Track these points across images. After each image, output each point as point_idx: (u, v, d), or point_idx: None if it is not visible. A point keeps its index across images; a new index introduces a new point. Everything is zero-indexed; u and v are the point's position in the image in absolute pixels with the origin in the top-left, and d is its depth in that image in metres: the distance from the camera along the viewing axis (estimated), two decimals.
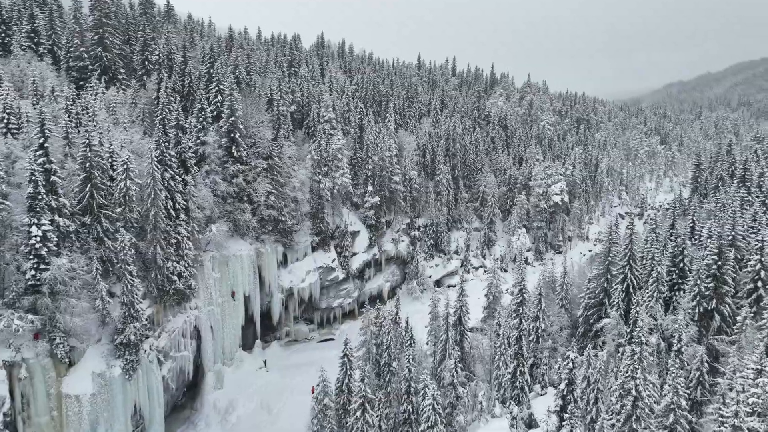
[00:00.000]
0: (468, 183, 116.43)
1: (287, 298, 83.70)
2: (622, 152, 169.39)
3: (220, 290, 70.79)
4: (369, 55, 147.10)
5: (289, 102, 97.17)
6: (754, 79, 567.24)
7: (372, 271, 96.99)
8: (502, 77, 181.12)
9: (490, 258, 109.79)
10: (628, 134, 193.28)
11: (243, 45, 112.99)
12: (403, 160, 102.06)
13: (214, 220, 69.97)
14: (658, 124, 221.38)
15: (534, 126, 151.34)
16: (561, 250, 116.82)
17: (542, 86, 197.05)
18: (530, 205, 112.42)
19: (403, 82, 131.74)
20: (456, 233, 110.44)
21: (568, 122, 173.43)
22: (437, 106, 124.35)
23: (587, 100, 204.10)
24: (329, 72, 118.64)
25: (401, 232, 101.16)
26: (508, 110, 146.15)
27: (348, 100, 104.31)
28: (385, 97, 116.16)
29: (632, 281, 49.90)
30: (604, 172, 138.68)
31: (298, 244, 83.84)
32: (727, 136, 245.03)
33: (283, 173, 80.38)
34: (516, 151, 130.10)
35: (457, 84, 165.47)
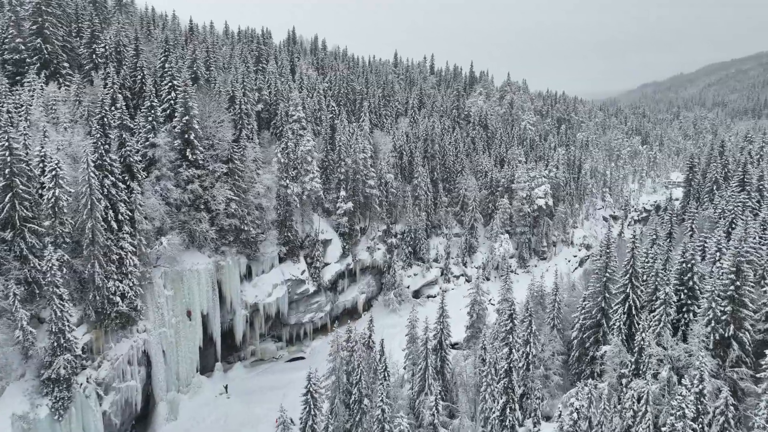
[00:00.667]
0: (448, 186, 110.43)
1: (252, 314, 76.57)
2: (604, 153, 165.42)
3: (173, 309, 63.38)
4: (343, 51, 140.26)
5: (254, 100, 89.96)
6: (726, 80, 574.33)
7: (346, 282, 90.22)
8: (481, 76, 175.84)
9: (472, 266, 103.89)
10: (609, 134, 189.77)
11: (206, 39, 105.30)
12: (379, 163, 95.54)
13: (166, 231, 62.49)
14: (638, 124, 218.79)
15: (515, 126, 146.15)
16: (545, 256, 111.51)
17: (522, 85, 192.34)
18: (513, 210, 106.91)
19: (379, 80, 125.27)
20: (435, 240, 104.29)
21: (549, 122, 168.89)
22: (415, 105, 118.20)
23: (567, 99, 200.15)
24: (300, 69, 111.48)
25: (377, 240, 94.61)
26: (488, 110, 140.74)
27: (319, 98, 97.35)
28: (360, 95, 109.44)
29: (635, 301, 44.10)
30: (587, 174, 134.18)
31: (263, 256, 76.72)
32: (706, 136, 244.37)
33: (246, 178, 73.16)
34: (497, 152, 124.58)
35: (435, 82, 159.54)
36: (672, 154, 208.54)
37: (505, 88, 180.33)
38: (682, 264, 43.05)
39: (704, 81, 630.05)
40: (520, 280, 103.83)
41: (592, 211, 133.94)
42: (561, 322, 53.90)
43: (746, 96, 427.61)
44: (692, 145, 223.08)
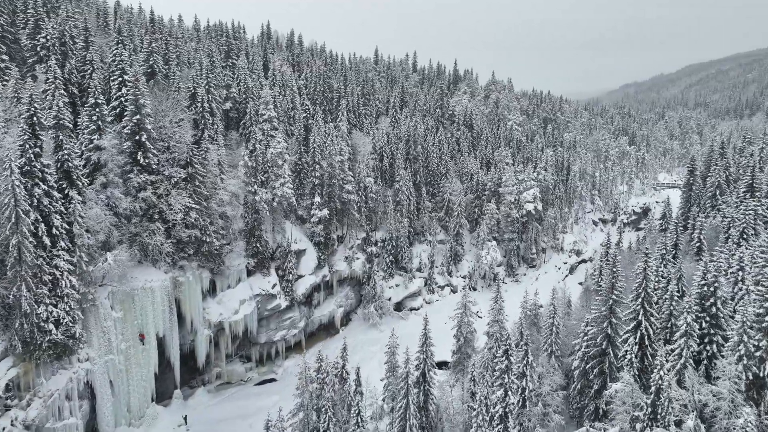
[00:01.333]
0: (431, 190, 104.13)
1: (217, 333, 69.43)
2: (592, 154, 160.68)
3: (123, 333, 56.09)
4: (321, 47, 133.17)
5: (221, 98, 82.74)
6: (707, 80, 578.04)
7: (322, 295, 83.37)
8: (465, 74, 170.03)
9: (457, 275, 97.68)
10: (596, 135, 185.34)
11: (171, 32, 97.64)
12: (358, 166, 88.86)
13: (113, 245, 55.11)
14: (625, 125, 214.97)
15: (501, 126, 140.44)
16: (535, 264, 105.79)
17: (507, 84, 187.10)
18: (501, 215, 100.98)
19: (359, 78, 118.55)
20: (419, 247, 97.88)
21: (535, 122, 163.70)
22: (396, 104, 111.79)
23: (553, 99, 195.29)
24: (273, 65, 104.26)
25: (356, 249, 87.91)
26: (473, 109, 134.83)
27: (293, 96, 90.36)
28: (337, 93, 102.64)
29: (648, 330, 38.02)
30: (576, 176, 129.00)
31: (229, 269, 69.63)
32: (692, 136, 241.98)
33: (208, 184, 66.03)
34: (483, 153, 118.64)
35: (418, 81, 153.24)
36: (659, 154, 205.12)
37: (490, 87, 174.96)
38: (702, 287, 37.02)
39: (685, 81, 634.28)
40: (509, 290, 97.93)
41: (582, 214, 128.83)
42: (560, 348, 47.75)
43: (728, 96, 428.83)
44: (679, 146, 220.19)
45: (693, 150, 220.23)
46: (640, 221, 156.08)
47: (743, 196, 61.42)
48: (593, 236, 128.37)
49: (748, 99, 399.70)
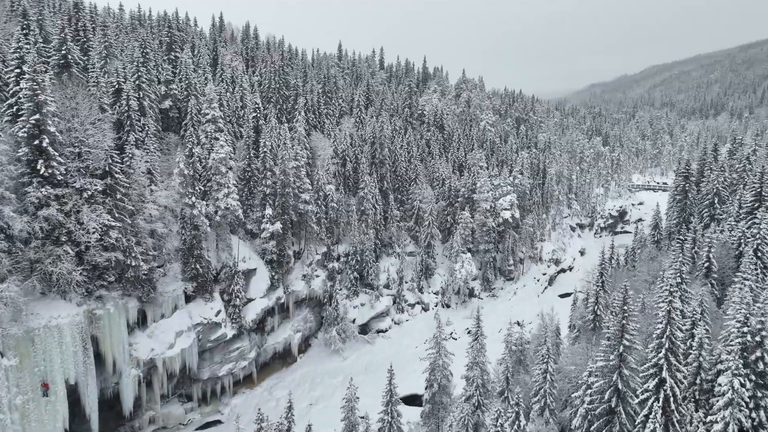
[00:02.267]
0: (400, 197, 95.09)
1: (149, 372, 58.95)
2: (567, 155, 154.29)
3: (18, 385, 45.19)
4: (279, 42, 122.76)
5: (158, 95, 72.03)
6: (670, 81, 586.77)
7: (276, 320, 73.43)
8: (435, 72, 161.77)
9: (429, 291, 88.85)
10: (569, 135, 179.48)
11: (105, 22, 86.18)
12: (317, 172, 79.16)
13: (3, 276, 44.20)
14: (597, 125, 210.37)
15: (474, 127, 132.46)
16: (512, 276, 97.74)
17: (479, 83, 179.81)
18: (476, 224, 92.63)
19: (320, 75, 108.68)
20: (386, 261, 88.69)
21: (509, 122, 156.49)
22: (361, 103, 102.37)
23: (525, 98, 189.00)
24: (222, 59, 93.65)
25: (315, 265, 78.19)
26: (443, 108, 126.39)
27: (242, 93, 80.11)
28: (295, 91, 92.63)
29: (674, 389, 29.56)
30: (552, 179, 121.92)
31: (163, 296, 59.29)
32: (663, 136, 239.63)
33: (134, 196, 55.52)
34: (455, 156, 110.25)
35: (385, 78, 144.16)
36: (632, 155, 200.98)
37: (461, 86, 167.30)
38: (744, 335, 28.73)
39: (649, 82, 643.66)
40: (485, 306, 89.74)
41: (559, 220, 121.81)
42: (554, 400, 39.10)
43: (693, 96, 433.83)
44: (651, 146, 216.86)
45: (665, 150, 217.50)
46: (616, 225, 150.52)
47: (751, 205, 54.23)
48: (571, 242, 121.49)
49: (712, 99, 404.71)
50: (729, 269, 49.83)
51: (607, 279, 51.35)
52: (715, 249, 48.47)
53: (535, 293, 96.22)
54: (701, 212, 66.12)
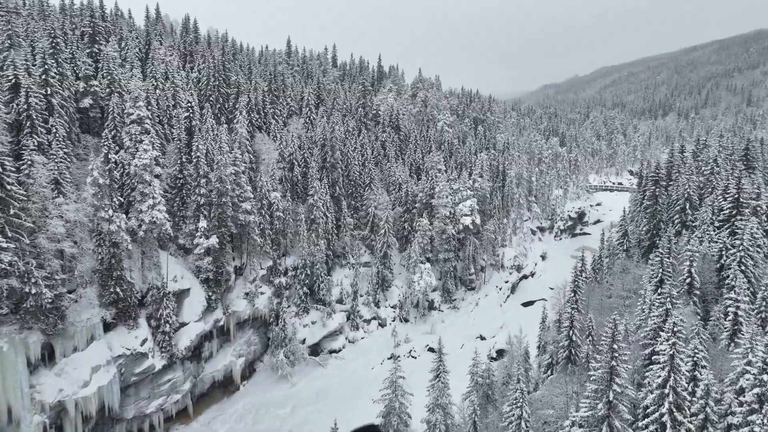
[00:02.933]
0: (354, 204, 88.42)
1: (58, 416, 50.30)
2: (525, 156, 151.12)
3: None
4: (222, 36, 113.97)
5: (74, 92, 63.03)
6: (619, 82, 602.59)
7: (215, 344, 65.53)
8: (391, 70, 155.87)
9: (386, 304, 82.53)
10: (526, 136, 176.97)
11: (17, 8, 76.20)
12: (260, 178, 71.54)
13: None
14: (554, 125, 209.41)
15: (431, 127, 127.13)
16: (474, 286, 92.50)
17: (435, 82, 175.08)
18: (435, 231, 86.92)
19: (266, 72, 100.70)
20: (340, 273, 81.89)
21: (466, 122, 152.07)
22: (311, 103, 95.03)
23: (482, 98, 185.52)
24: (155, 54, 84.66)
25: (260, 282, 70.64)
26: (399, 108, 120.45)
27: (174, 91, 71.75)
28: (236, 89, 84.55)
29: None
30: (512, 182, 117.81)
31: (74, 326, 50.85)
32: (617, 136, 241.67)
33: (34, 211, 46.91)
34: (412, 158, 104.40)
35: (338, 77, 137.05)
36: (587, 155, 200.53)
37: (417, 85, 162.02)
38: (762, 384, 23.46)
39: (599, 83, 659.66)
40: (446, 320, 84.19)
41: (520, 224, 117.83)
42: None
43: (642, 97, 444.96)
44: (606, 146, 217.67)
45: (620, 150, 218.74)
46: (575, 227, 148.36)
47: (729, 212, 50.25)
48: (532, 247, 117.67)
49: (660, 100, 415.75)
50: (710, 284, 45.55)
51: (580, 297, 46.19)
52: (696, 263, 43.91)
53: (498, 303, 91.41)
54: (672, 218, 62.27)
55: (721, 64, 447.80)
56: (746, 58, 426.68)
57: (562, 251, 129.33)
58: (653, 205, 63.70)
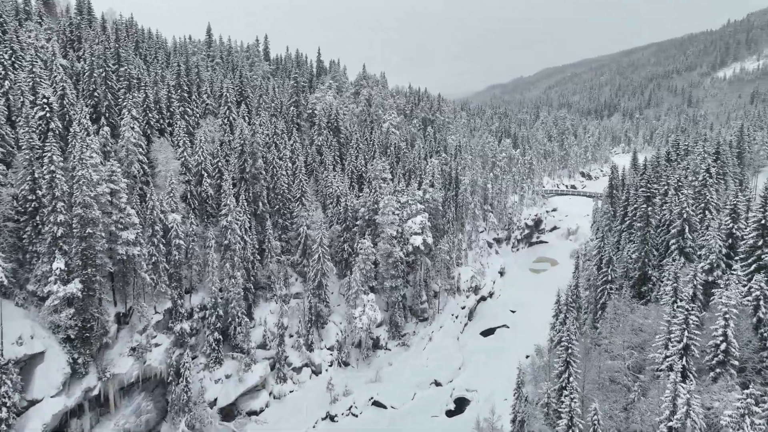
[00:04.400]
0: (282, 222, 73.31)
1: None
2: (479, 160, 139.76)
3: None
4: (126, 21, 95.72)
5: None
6: (564, 83, 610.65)
7: (87, 421, 49.15)
8: (331, 66, 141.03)
9: (322, 346, 67.92)
10: (478, 138, 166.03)
11: None
12: (151, 196, 55.33)
13: None
14: (505, 126, 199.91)
15: (375, 129, 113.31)
16: (426, 316, 79.03)
17: (381, 79, 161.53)
18: (379, 255, 72.94)
19: (173, 62, 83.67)
20: (264, 309, 66.74)
21: (415, 123, 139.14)
22: (230, 100, 79.20)
23: (431, 97, 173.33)
24: (22, 37, 66.76)
25: (154, 330, 54.59)
26: (339, 107, 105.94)
27: (33, 82, 54.65)
28: (126, 81, 67.70)
29: None
30: (467, 190, 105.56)
31: None
32: (569, 137, 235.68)
33: None
34: (354, 165, 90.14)
35: (271, 71, 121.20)
36: (540, 157, 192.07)
37: (361, 82, 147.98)
38: None
39: (544, 83, 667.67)
40: (394, 361, 70.37)
41: (475, 236, 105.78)
42: None
43: (587, 97, 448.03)
44: (558, 147, 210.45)
45: (572, 152, 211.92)
46: (532, 235, 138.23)
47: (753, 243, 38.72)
48: (490, 262, 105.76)
49: (605, 100, 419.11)
50: (749, 350, 33.60)
51: (574, 371, 33.21)
52: (733, 322, 31.73)
53: (454, 335, 78.46)
54: (667, 243, 50.72)
55: (660, 65, 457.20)
56: (684, 60, 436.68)
57: (520, 264, 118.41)
58: (644, 227, 52.16)
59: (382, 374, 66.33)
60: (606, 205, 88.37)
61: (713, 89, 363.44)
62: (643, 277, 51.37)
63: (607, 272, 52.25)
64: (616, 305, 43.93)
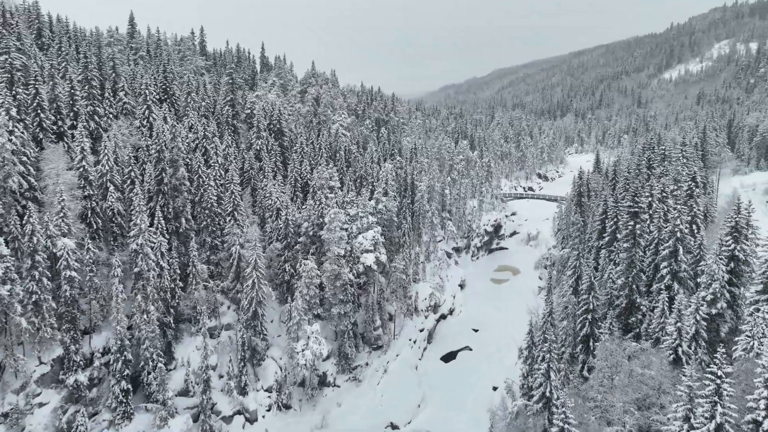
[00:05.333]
0: (211, 241, 62.67)
1: None
2: (436, 163, 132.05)
3: None
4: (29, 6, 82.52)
5: None
6: (516, 83, 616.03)
7: None
8: (276, 62, 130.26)
9: (257, 387, 57.78)
10: (434, 139, 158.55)
11: None
12: (29, 218, 44.05)
13: None
14: (462, 126, 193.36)
15: (323, 131, 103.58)
16: (381, 344, 69.82)
17: (331, 77, 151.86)
18: (325, 277, 63.36)
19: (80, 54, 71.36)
20: (188, 346, 56.19)
21: (367, 124, 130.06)
22: (150, 98, 67.95)
23: (385, 97, 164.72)
24: None
25: (37, 385, 43.45)
26: (283, 107, 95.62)
27: None
28: (8, 75, 55.68)
29: None
30: (424, 197, 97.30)
31: None
32: (525, 138, 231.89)
33: None
34: (298, 172, 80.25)
35: (207, 66, 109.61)
36: (497, 159, 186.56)
37: (309, 80, 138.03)
38: None
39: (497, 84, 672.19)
40: (344, 401, 61.05)
41: (434, 247, 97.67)
42: None
43: (540, 98, 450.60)
44: (514, 148, 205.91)
45: (529, 153, 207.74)
46: (492, 241, 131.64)
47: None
48: (449, 274, 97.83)
49: (558, 101, 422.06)
50: None
51: None
52: None
53: (412, 363, 69.75)
54: (656, 265, 43.55)
55: (609, 66, 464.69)
56: (632, 61, 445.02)
57: (480, 274, 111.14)
58: (631, 248, 44.75)
59: (329, 418, 56.91)
60: (575, 214, 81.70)
61: (660, 90, 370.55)
62: (631, 306, 44.02)
63: (588, 299, 44.55)
64: (607, 349, 36.04)
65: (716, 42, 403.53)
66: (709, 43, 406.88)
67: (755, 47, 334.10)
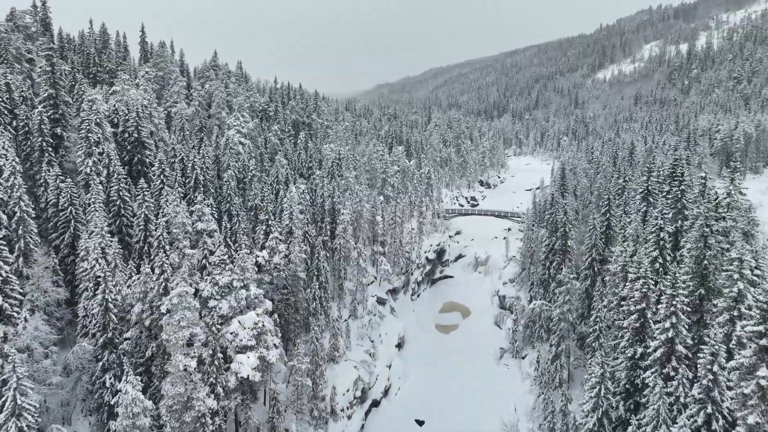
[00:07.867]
0: None
1: None
2: (365, 176, 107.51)
3: None
4: None
5: None
6: (451, 83, 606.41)
7: None
8: (159, 48, 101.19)
9: None
10: (364, 144, 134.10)
11: None
12: None
13: None
14: (396, 129, 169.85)
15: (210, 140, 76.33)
16: None
17: (236, 71, 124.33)
18: (166, 407, 36.87)
19: None
20: None
21: (279, 129, 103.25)
22: None
23: (307, 95, 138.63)
24: None
25: None
26: (153, 108, 67.87)
27: None
28: None
29: None
30: (347, 230, 72.24)
31: None
32: (465, 141, 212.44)
33: None
34: (150, 210, 53.01)
35: (51, 49, 79.36)
36: (437, 166, 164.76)
37: (206, 73, 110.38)
38: None
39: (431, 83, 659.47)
40: None
41: (361, 296, 73.05)
42: None
43: (476, 97, 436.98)
44: (455, 153, 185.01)
45: (471, 158, 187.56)
46: (435, 270, 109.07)
47: None
48: (383, 332, 73.38)
49: (494, 101, 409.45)
50: None
51: None
52: None
53: None
54: None
55: (543, 66, 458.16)
56: (565, 61, 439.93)
57: (423, 320, 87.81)
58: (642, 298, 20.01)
59: None
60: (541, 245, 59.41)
61: (596, 90, 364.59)
62: None
63: None
64: None
65: (645, 43, 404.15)
66: (639, 44, 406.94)
67: (685, 48, 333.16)
